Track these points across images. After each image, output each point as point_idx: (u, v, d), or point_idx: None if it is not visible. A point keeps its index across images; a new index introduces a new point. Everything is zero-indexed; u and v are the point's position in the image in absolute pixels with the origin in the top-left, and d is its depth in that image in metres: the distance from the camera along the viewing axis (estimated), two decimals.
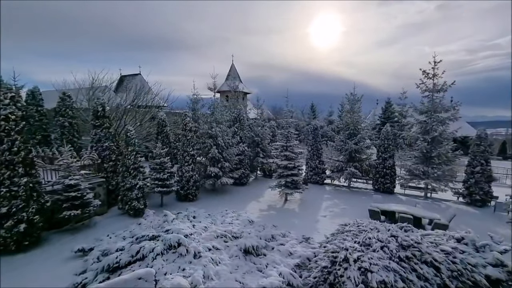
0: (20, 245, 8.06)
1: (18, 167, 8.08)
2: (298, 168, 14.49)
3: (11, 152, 7.96)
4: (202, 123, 16.67)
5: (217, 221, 10.40)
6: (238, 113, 18.68)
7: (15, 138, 8.04)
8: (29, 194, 8.27)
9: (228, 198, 15.03)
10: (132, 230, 9.06)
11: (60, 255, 8.05)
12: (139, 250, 6.88)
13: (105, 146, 12.22)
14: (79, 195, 9.69)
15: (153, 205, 12.69)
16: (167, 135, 19.15)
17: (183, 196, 13.79)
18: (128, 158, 11.31)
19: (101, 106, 12.27)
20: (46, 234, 9.16)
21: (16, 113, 8.13)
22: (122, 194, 11.42)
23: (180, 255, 6.91)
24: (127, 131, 11.56)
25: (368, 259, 5.27)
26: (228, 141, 16.23)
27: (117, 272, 6.50)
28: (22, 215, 8.01)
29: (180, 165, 13.98)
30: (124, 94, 20.54)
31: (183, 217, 10.42)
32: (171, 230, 7.77)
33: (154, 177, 12.62)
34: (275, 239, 8.74)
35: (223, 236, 8.37)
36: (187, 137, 13.96)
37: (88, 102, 19.18)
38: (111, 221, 10.95)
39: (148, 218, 10.30)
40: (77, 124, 16.71)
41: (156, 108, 23.02)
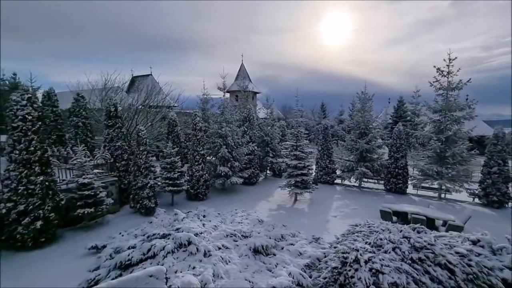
0: (37, 241, 8.31)
1: (35, 166, 8.34)
2: (308, 168, 14.39)
3: (28, 151, 8.22)
4: (212, 122, 16.78)
5: (227, 220, 10.45)
6: (247, 112, 18.70)
7: (31, 138, 8.30)
8: (45, 192, 8.52)
9: (238, 197, 15.07)
10: (143, 229, 9.21)
11: (75, 252, 8.26)
12: (151, 248, 6.99)
13: (117, 145, 12.46)
14: (93, 193, 9.92)
15: (164, 204, 12.86)
16: (178, 135, 19.37)
17: (193, 195, 13.92)
18: (139, 157, 11.50)
19: (114, 106, 12.51)
20: (61, 231, 9.42)
21: (33, 114, 8.38)
22: (133, 193, 11.62)
23: (191, 254, 6.98)
24: (139, 131, 11.75)
25: (380, 260, 5.18)
26: (238, 141, 16.27)
27: (129, 269, 6.63)
28: (38, 212, 8.27)
29: (191, 165, 14.11)
30: (135, 95, 20.88)
31: (193, 216, 10.52)
32: (182, 229, 7.86)
33: (165, 176, 12.78)
34: (285, 238, 8.71)
35: (232, 235, 8.41)
36: (197, 136, 14.08)
37: (101, 103, 19.60)
38: (123, 219, 11.16)
39: (159, 217, 10.44)
40: (90, 124, 17.10)
41: (167, 108, 23.31)
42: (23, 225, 8.05)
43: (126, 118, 16.68)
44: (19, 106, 8.19)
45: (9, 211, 8.02)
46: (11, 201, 8.08)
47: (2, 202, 8.09)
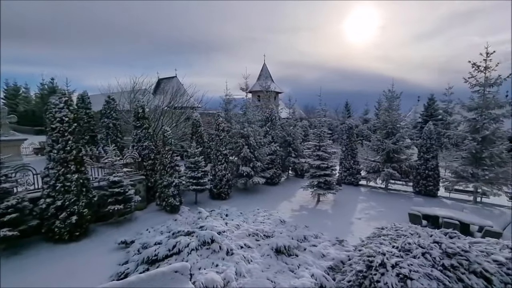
0: (72, 235, 8.87)
1: (71, 165, 8.92)
2: (331, 168, 14.11)
3: (64, 151, 8.81)
4: (235, 123, 16.97)
5: (249, 220, 10.52)
6: (270, 112, 18.70)
7: (68, 138, 8.88)
8: (79, 189, 9.08)
9: (260, 197, 15.11)
10: (169, 226, 9.52)
11: (106, 246, 8.72)
12: (175, 244, 7.22)
13: (145, 145, 12.98)
14: (122, 191, 10.41)
15: (187, 202, 13.20)
16: (201, 135, 19.79)
17: (216, 195, 14.16)
18: (165, 157, 11.90)
19: (141, 108, 13.06)
20: (94, 226, 9.97)
21: (69, 116, 8.97)
22: (159, 191, 12.05)
23: (214, 252, 7.12)
24: (164, 131, 12.16)
25: (408, 265, 4.96)
26: (260, 141, 16.32)
27: (155, 264, 6.89)
28: (73, 208, 8.82)
29: (214, 164, 14.37)
30: (161, 96, 21.64)
31: (216, 215, 10.71)
32: (205, 227, 8.03)
33: (189, 176, 13.12)
34: (307, 240, 8.61)
35: (254, 234, 8.45)
36: (220, 136, 14.31)
37: (130, 105, 20.52)
38: (150, 216, 11.60)
39: (183, 215, 10.75)
40: (120, 125, 17.98)
41: (191, 109, 23.91)
42: (60, 219, 8.63)
43: (153, 119, 17.33)
44: (57, 109, 8.80)
45: (48, 206, 8.64)
46: (50, 197, 8.70)
47: (43, 198, 8.74)
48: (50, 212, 8.63)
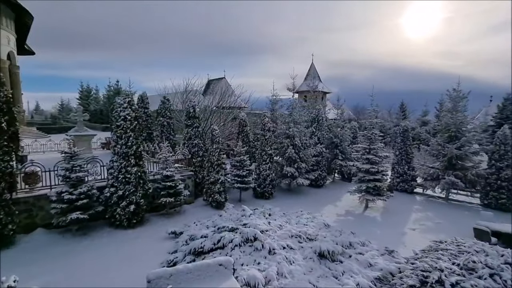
0: (130, 222, 9.81)
1: (131, 159, 9.88)
2: (382, 173, 13.21)
3: (126, 146, 9.79)
4: (280, 123, 16.95)
5: (292, 221, 10.41)
6: (316, 113, 18.26)
7: (129, 135, 9.85)
8: (137, 181, 10.00)
9: (303, 199, 14.86)
10: (214, 221, 9.92)
11: (158, 235, 9.45)
12: (220, 239, 7.49)
13: (194, 143, 13.73)
14: (173, 185, 11.17)
15: (232, 199, 13.59)
16: (247, 135, 20.21)
17: (259, 194, 14.33)
18: (212, 155, 12.43)
19: (193, 108, 13.85)
20: (148, 216, 10.86)
21: (131, 115, 9.95)
22: (206, 187, 12.63)
23: (256, 249, 7.21)
24: (213, 130, 12.71)
25: (471, 286, 4.41)
26: (306, 142, 16.05)
27: (201, 256, 7.24)
28: (132, 198, 9.75)
29: (258, 164, 14.56)
30: (211, 97, 22.68)
31: (260, 214, 10.81)
32: (249, 225, 8.18)
33: (234, 174, 13.51)
34: (353, 246, 8.19)
35: (297, 236, 8.34)
36: (266, 136, 14.44)
37: (182, 104, 21.91)
38: (197, 210, 12.23)
39: (228, 211, 11.10)
40: (173, 124, 19.30)
41: (238, 109, 24.59)
42: (121, 207, 9.61)
43: (202, 119, 18.25)
44: (122, 108, 9.83)
45: (112, 195, 9.70)
46: (113, 187, 9.75)
47: (107, 187, 9.84)
48: (113, 200, 9.66)
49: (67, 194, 8.72)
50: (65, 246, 8.50)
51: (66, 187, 8.94)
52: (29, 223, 8.98)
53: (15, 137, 9.93)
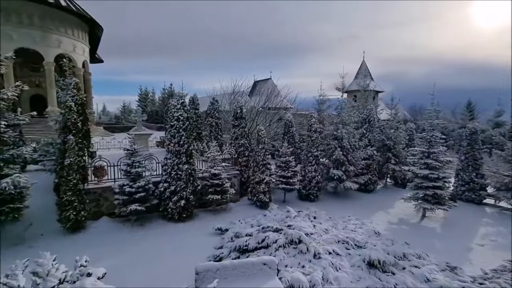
0: (181, 216, 10.44)
1: (183, 156, 10.52)
2: (443, 180, 11.92)
3: (179, 144, 10.46)
4: (328, 124, 16.43)
5: (338, 226, 10.01)
6: (367, 113, 17.26)
7: (182, 134, 10.51)
8: (188, 178, 10.61)
9: (351, 203, 14.17)
10: (258, 220, 10.02)
11: (205, 230, 9.88)
12: (264, 239, 7.53)
13: (241, 143, 14.05)
14: (220, 183, 11.58)
15: (276, 200, 13.57)
16: (293, 136, 19.99)
17: (304, 196, 14.06)
18: (258, 155, 12.58)
19: (240, 108, 14.21)
20: (196, 211, 11.43)
21: (183, 115, 10.60)
22: (251, 186, 12.82)
23: (300, 252, 7.09)
24: (259, 131, 12.86)
25: None
26: (355, 144, 15.28)
27: (245, 254, 7.37)
28: (183, 193, 10.37)
29: (304, 165, 14.31)
30: (257, 98, 22.99)
31: (304, 216, 10.61)
32: (293, 226, 8.08)
33: (279, 174, 13.47)
34: (407, 258, 7.53)
35: (344, 242, 7.98)
36: (312, 138, 14.12)
37: (230, 105, 22.62)
38: (242, 208, 12.49)
39: (272, 212, 11.12)
40: (220, 124, 20.03)
41: (284, 109, 24.49)
42: (173, 202, 10.29)
43: (248, 119, 18.59)
44: (175, 109, 10.53)
45: (165, 190, 10.44)
46: (166, 182, 10.49)
47: (161, 182, 10.62)
48: (166, 194, 10.40)
49: (128, 187, 9.65)
50: (126, 233, 9.42)
51: (127, 181, 9.89)
52: (96, 211, 10.16)
53: (87, 135, 11.31)
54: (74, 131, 9.75)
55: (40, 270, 3.62)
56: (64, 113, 9.99)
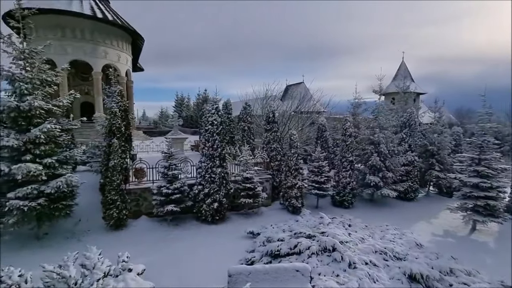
0: (214, 218, 10.65)
1: (216, 160, 10.76)
2: (497, 190, 10.77)
3: (213, 148, 10.73)
4: (363, 128, 15.76)
5: (375, 235, 9.49)
6: (407, 117, 16.27)
7: (215, 138, 10.77)
8: (221, 181, 10.81)
9: (389, 212, 13.39)
10: (290, 225, 9.87)
11: (237, 233, 9.96)
12: (297, 245, 7.38)
13: (273, 147, 14.03)
14: (252, 186, 11.64)
15: (309, 205, 13.27)
16: (326, 140, 19.53)
17: (338, 202, 13.58)
18: (290, 159, 12.45)
19: (272, 113, 14.23)
20: (228, 214, 11.57)
21: (217, 120, 10.88)
22: (283, 191, 12.69)
23: (335, 260, 6.83)
24: (291, 135, 12.74)
25: None
26: (393, 149, 14.46)
27: (277, 259, 7.28)
28: (216, 196, 10.59)
29: (338, 170, 13.86)
30: (289, 102, 22.86)
31: (339, 223, 10.24)
32: (327, 233, 7.82)
33: (312, 179, 13.19)
34: (455, 274, 6.89)
35: (382, 252, 7.54)
36: (347, 142, 13.65)
37: (262, 110, 22.76)
38: (273, 213, 12.40)
39: (304, 217, 10.88)
40: (252, 128, 20.21)
41: (317, 113, 24.04)
42: (206, 204, 10.55)
43: (281, 123, 18.54)
44: (210, 114, 10.85)
45: (199, 192, 10.74)
46: (201, 185, 10.79)
47: (196, 185, 10.96)
48: (200, 197, 10.69)
49: (165, 188, 10.10)
50: (162, 232, 9.85)
51: (164, 182, 10.36)
52: (136, 211, 10.76)
53: (129, 138, 12.13)
54: (118, 135, 10.50)
55: (87, 262, 3.91)
56: (110, 119, 10.80)
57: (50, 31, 23.29)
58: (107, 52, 26.28)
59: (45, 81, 8.69)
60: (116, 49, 27.36)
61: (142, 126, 53.45)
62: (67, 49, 24.02)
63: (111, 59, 26.63)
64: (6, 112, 7.88)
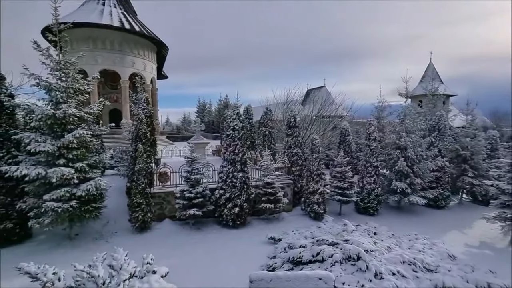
0: (235, 223, 10.68)
1: (237, 165, 10.83)
2: None
3: (234, 153, 10.82)
4: (389, 132, 15.21)
5: (403, 244, 9.02)
6: (437, 120, 15.49)
7: (237, 143, 10.86)
8: (242, 186, 10.85)
9: (417, 220, 12.73)
10: (312, 232, 9.66)
11: (258, 238, 9.91)
12: (319, 252, 7.20)
13: (294, 152, 13.89)
14: (273, 192, 11.56)
15: (331, 212, 12.93)
16: (349, 145, 19.05)
17: (362, 209, 13.12)
18: (312, 164, 12.24)
19: (293, 117, 14.12)
20: (249, 219, 11.56)
21: (238, 125, 10.98)
22: (305, 196, 12.49)
23: (359, 270, 6.57)
24: (313, 140, 12.54)
25: None
26: (421, 154, 13.78)
27: (299, 266, 7.13)
28: (237, 201, 10.62)
29: (362, 176, 13.42)
30: (310, 106, 22.58)
31: (363, 231, 9.89)
32: (351, 241, 7.56)
33: (334, 185, 12.87)
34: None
35: (411, 263, 7.15)
36: (371, 147, 13.21)
37: (283, 114, 22.65)
38: (294, 218, 12.22)
39: (327, 224, 10.62)
40: (273, 133, 20.16)
41: (339, 117, 23.55)
42: (227, 208, 10.61)
43: (302, 128, 18.33)
44: (231, 119, 10.97)
45: (220, 196, 10.84)
46: (222, 189, 10.89)
47: (217, 189, 11.07)
48: (221, 201, 10.78)
49: (187, 192, 10.30)
50: (185, 236, 10.02)
51: (187, 187, 10.57)
52: (160, 214, 11.04)
53: (154, 144, 12.54)
54: (143, 140, 10.90)
55: (115, 263, 4.05)
56: (136, 125, 11.25)
57: (83, 43, 24.87)
58: (134, 61, 27.55)
59: (78, 90, 9.23)
60: (142, 58, 28.61)
61: (166, 131, 55.12)
62: (98, 59, 25.48)
63: (138, 68, 27.86)
64: (44, 120, 8.44)
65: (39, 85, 8.58)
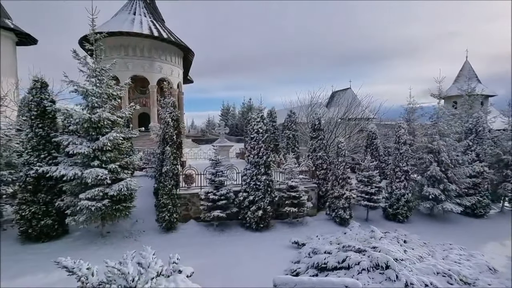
0: (258, 226, 10.68)
1: (261, 167, 10.84)
2: None
3: (258, 155, 10.85)
4: (420, 135, 14.46)
5: (436, 254, 8.49)
6: (474, 122, 14.48)
7: (261, 146, 10.89)
8: (266, 189, 10.83)
9: (451, 229, 11.95)
10: (338, 237, 9.37)
11: (281, 242, 9.81)
12: (345, 259, 6.97)
13: (319, 155, 13.64)
14: (297, 195, 11.41)
15: (357, 217, 12.52)
16: (377, 148, 18.35)
17: (391, 215, 12.56)
18: (337, 168, 11.95)
19: (318, 120, 13.90)
20: (273, 222, 11.49)
21: (262, 128, 11.01)
22: (330, 201, 12.20)
23: (388, 279, 6.27)
24: (339, 143, 12.25)
25: None
26: (457, 158, 12.94)
27: (324, 272, 6.96)
28: (260, 204, 10.62)
29: (390, 181, 12.87)
30: (335, 108, 22.11)
31: (392, 238, 9.42)
32: (379, 249, 7.25)
33: (361, 190, 12.44)
34: None
35: (446, 274, 6.70)
36: (400, 150, 12.63)
37: (307, 117, 22.38)
38: (319, 223, 11.97)
39: (353, 230, 10.26)
40: (297, 136, 19.96)
41: (365, 120, 22.82)
42: (251, 211, 10.64)
43: (327, 131, 17.98)
44: (255, 122, 11.03)
45: (244, 199, 10.90)
46: (246, 192, 10.95)
47: (241, 192, 11.14)
48: (245, 204, 10.84)
49: (211, 194, 10.48)
50: (209, 237, 10.18)
51: (211, 188, 10.76)
52: (185, 215, 11.32)
53: (180, 146, 12.92)
54: (170, 142, 11.27)
55: (143, 261, 4.20)
56: (163, 128, 11.67)
57: (115, 51, 26.34)
58: (162, 67, 28.65)
59: (111, 95, 9.77)
60: (169, 64, 29.69)
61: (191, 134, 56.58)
62: (129, 66, 26.83)
63: (165, 73, 28.93)
64: (81, 123, 9.03)
65: (77, 91, 9.20)
